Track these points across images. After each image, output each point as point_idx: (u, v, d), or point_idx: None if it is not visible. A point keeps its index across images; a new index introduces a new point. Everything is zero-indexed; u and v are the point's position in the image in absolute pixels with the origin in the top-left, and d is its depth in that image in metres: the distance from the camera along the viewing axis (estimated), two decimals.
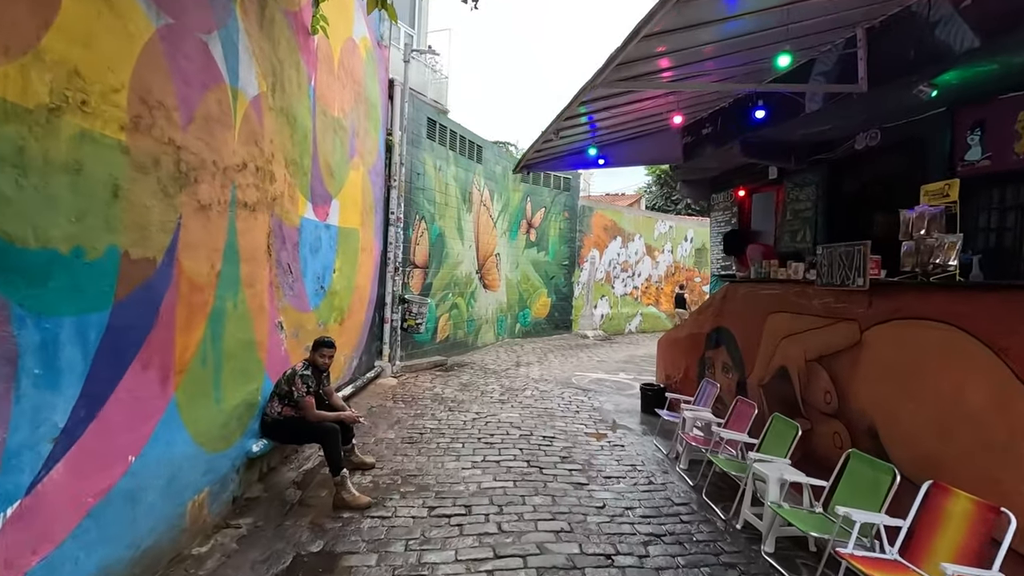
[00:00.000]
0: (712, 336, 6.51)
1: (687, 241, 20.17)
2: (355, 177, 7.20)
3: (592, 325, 16.71)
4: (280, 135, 4.77)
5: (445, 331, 11.30)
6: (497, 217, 13.50)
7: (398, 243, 9.20)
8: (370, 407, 7.22)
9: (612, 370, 10.94)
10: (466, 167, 11.85)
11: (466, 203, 11.92)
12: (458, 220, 11.60)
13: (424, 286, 10.43)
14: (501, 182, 13.62)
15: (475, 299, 12.53)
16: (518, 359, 11.79)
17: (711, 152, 7.38)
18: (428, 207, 10.45)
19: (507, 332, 14.36)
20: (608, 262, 17.27)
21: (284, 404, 4.56)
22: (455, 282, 11.59)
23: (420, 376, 9.43)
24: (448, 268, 11.27)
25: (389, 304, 9.12)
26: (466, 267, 12.04)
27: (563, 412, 7.48)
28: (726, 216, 8.56)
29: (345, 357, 7.19)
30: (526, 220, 14.74)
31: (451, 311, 11.47)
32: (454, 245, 11.46)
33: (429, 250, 10.55)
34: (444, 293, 11.16)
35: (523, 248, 14.73)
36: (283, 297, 4.99)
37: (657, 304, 19.16)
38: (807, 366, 4.75)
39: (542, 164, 7.74)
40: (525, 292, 14.84)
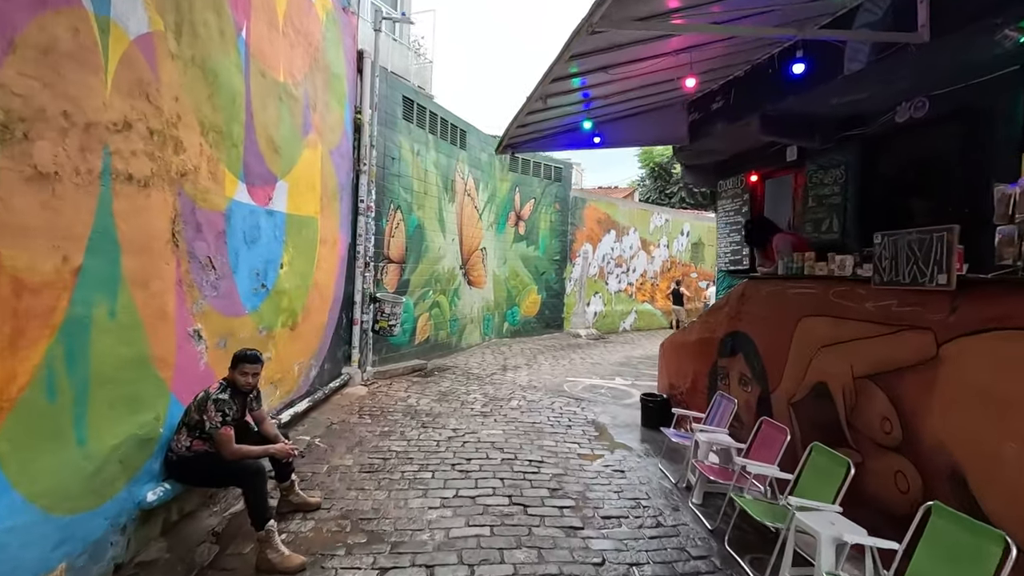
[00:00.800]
0: (727, 342, 5.54)
1: (683, 235, 19.24)
2: (311, 157, 6.16)
3: (585, 324, 15.74)
4: (192, 93, 3.73)
5: (425, 332, 10.28)
6: (483, 208, 12.47)
7: (369, 235, 8.17)
8: (329, 424, 6.20)
9: (607, 374, 9.97)
10: (448, 153, 10.81)
11: (448, 192, 10.89)
12: (439, 211, 10.57)
13: (400, 283, 9.40)
14: (487, 170, 12.59)
15: (459, 297, 11.51)
16: (505, 362, 10.80)
17: (722, 130, 6.40)
18: (404, 195, 9.41)
19: (494, 332, 13.37)
20: (602, 257, 16.29)
21: (194, 436, 3.54)
22: (436, 278, 10.57)
23: (395, 383, 8.42)
24: (428, 263, 10.24)
25: (359, 303, 8.09)
26: (449, 262, 11.02)
27: (553, 427, 6.50)
28: (735, 205, 7.59)
29: (300, 367, 6.17)
30: (514, 212, 13.72)
31: (432, 310, 10.45)
32: (435, 238, 10.43)
33: (406, 243, 9.52)
34: (424, 290, 10.14)
35: (511, 242, 13.72)
36: (201, 299, 3.96)
37: (652, 301, 18.23)
38: (856, 384, 3.79)
39: (528, 143, 6.72)
40: (514, 289, 13.85)
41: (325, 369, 7.08)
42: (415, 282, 9.84)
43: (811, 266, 4.11)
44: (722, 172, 7.84)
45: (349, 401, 7.22)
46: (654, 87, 5.77)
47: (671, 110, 6.89)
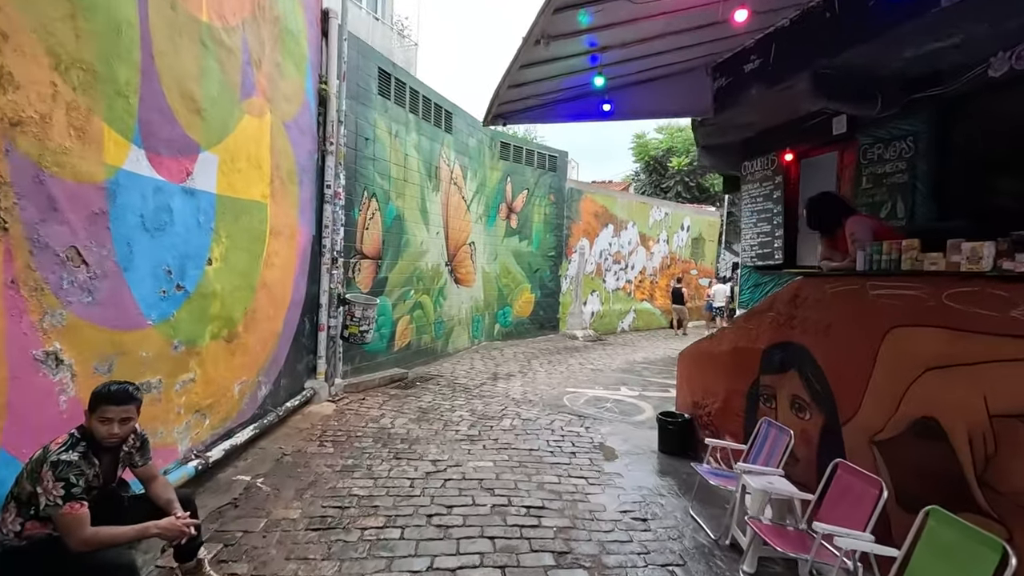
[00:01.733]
0: (773, 354, 4.41)
1: (683, 230, 18.15)
2: (255, 127, 4.94)
3: (582, 324, 14.59)
4: (30, 4, 2.51)
5: (406, 336, 9.08)
6: (471, 199, 11.28)
7: (337, 226, 6.96)
8: (280, 456, 5.00)
9: (611, 383, 8.83)
10: (432, 136, 9.60)
11: (432, 180, 9.68)
12: (422, 200, 9.36)
13: (376, 282, 8.20)
14: (476, 157, 11.40)
15: (445, 296, 10.32)
16: (496, 369, 9.63)
17: (756, 97, 5.25)
18: (381, 182, 8.20)
19: (484, 334, 12.19)
20: (599, 253, 15.15)
21: (27, 517, 2.34)
22: (419, 276, 9.36)
23: (369, 398, 7.22)
24: (409, 259, 9.04)
25: (325, 306, 6.88)
26: (433, 258, 9.82)
27: (554, 455, 5.34)
28: (764, 189, 6.45)
29: (244, 387, 4.96)
30: (506, 204, 12.54)
31: (413, 312, 9.25)
32: (416, 231, 9.22)
33: (383, 236, 8.31)
34: (404, 290, 8.94)
35: (503, 236, 12.54)
36: (61, 307, 2.75)
37: (651, 299, 17.13)
38: (994, 425, 2.66)
39: (524, 112, 5.52)
40: (505, 287, 12.68)
41: (281, 386, 5.87)
42: (394, 280, 8.64)
43: (915, 258, 2.98)
44: (748, 152, 6.70)
45: (311, 423, 6.02)
46: (678, 38, 4.61)
47: (693, 76, 5.74)
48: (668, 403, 7.31)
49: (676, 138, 28.36)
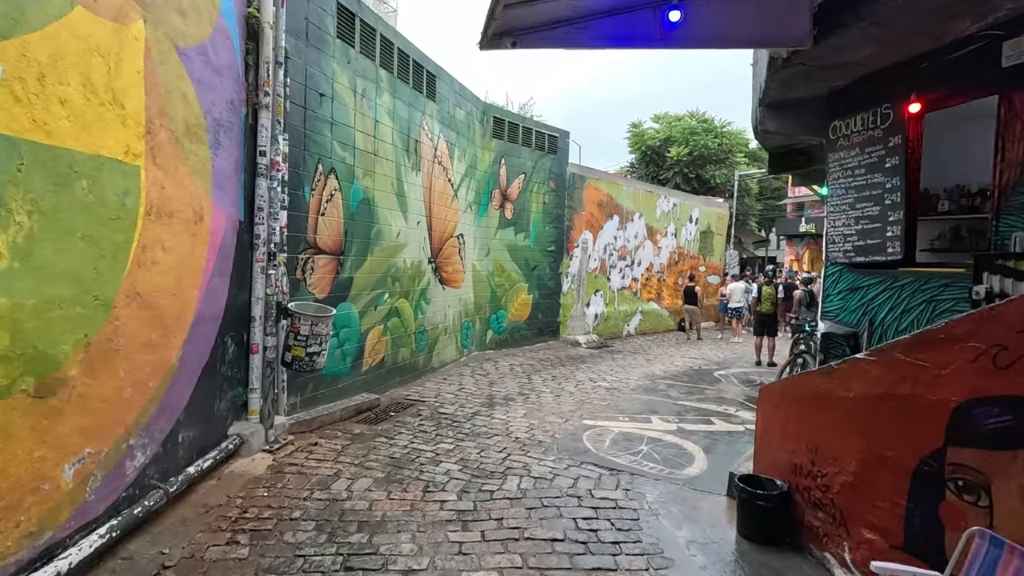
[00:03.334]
0: (982, 416, 2.57)
1: (692, 223, 16.37)
2: (102, 35, 2.96)
3: (584, 328, 12.74)
4: None
5: (378, 352, 7.13)
6: (459, 183, 9.34)
7: (275, 209, 4.99)
8: (156, 571, 3.06)
9: (636, 410, 6.97)
10: (410, 101, 7.63)
11: (411, 156, 7.73)
12: (397, 181, 7.40)
13: (337, 284, 6.24)
14: (465, 133, 9.45)
15: (427, 300, 8.39)
16: (491, 390, 7.72)
17: (888, 13, 3.42)
18: (342, 154, 6.23)
19: (475, 343, 10.27)
20: (603, 248, 13.30)
21: None
22: (395, 276, 7.42)
23: (323, 441, 5.28)
24: (381, 254, 7.09)
25: (259, 320, 4.92)
26: (412, 253, 7.87)
27: (592, 555, 3.45)
28: (869, 156, 4.60)
29: (85, 466, 2.99)
30: (499, 190, 10.61)
31: (388, 321, 7.31)
32: (391, 219, 7.27)
33: (346, 225, 6.35)
34: (376, 294, 6.99)
35: (496, 228, 10.62)
36: None
37: (658, 299, 15.33)
38: None
39: (544, 29, 3.51)
40: (499, 288, 10.76)
41: (180, 443, 3.91)
42: (361, 282, 6.68)
43: None
44: (841, 106, 4.85)
45: (228, 494, 4.06)
46: None
47: None
48: (719, 443, 5.48)
49: (674, 128, 26.64)
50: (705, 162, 25.69)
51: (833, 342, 4.71)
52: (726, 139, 26.16)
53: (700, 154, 25.41)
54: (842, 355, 4.69)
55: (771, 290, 10.50)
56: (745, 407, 7.26)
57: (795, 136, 5.69)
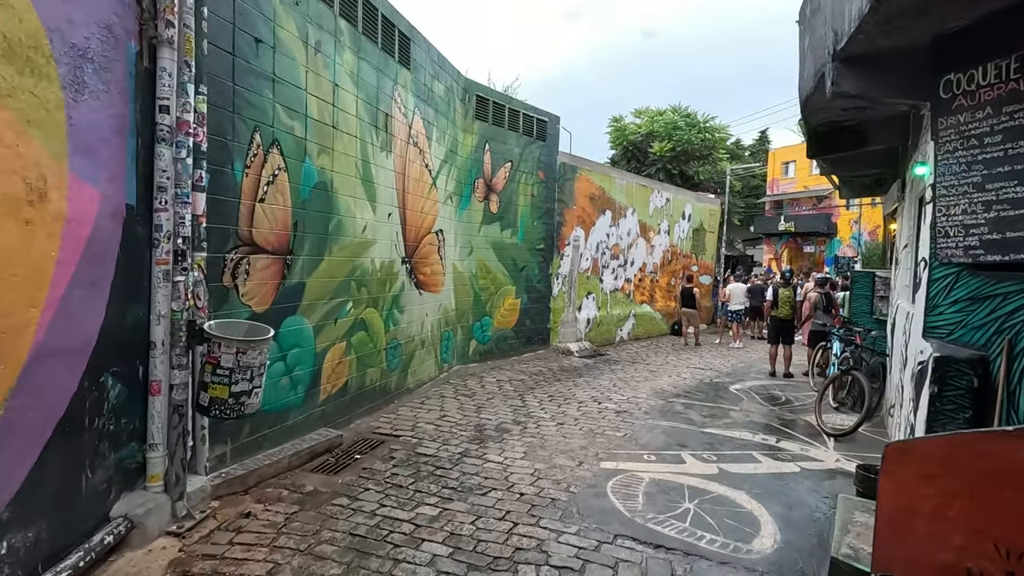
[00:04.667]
0: None
1: (684, 219, 15.24)
2: None
3: (576, 335, 11.44)
4: None
5: (339, 376, 5.66)
6: (438, 170, 7.91)
7: (185, 190, 3.50)
8: None
9: (659, 443, 5.66)
10: (380, 66, 6.18)
11: (380, 133, 6.27)
12: (364, 163, 5.94)
13: (284, 292, 4.75)
14: (444, 112, 8.01)
15: (401, 308, 6.94)
16: (480, 418, 6.33)
17: None
18: (290, 123, 4.75)
19: (456, 356, 8.86)
20: (595, 246, 12.02)
21: None
22: (360, 280, 5.96)
23: (262, 509, 3.82)
24: (344, 253, 5.62)
25: (162, 346, 3.43)
26: (382, 252, 6.42)
27: None
28: (1008, 121, 3.37)
29: None
30: (483, 180, 9.22)
31: (352, 336, 5.84)
32: (356, 209, 5.81)
33: (296, 216, 4.87)
34: (336, 303, 5.52)
35: (480, 223, 9.22)
36: None
37: (651, 302, 14.14)
38: None
39: None
40: (484, 291, 9.37)
41: (11, 552, 2.42)
42: (317, 289, 5.21)
43: None
44: (962, 53, 3.60)
45: None
46: None
47: None
48: (780, 494, 4.16)
49: (656, 122, 25.63)
50: (688, 158, 24.75)
51: (951, 370, 3.48)
52: (709, 134, 25.28)
53: (683, 150, 24.45)
54: (967, 387, 3.46)
55: (789, 292, 9.36)
56: (783, 434, 6.04)
57: (879, 100, 4.44)
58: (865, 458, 5.29)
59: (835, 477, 4.84)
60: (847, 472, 4.93)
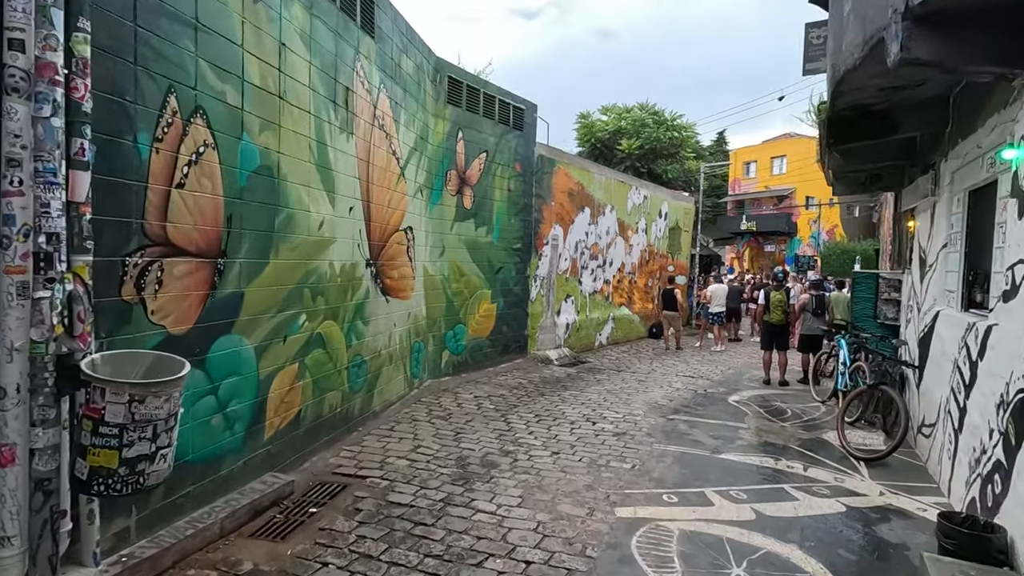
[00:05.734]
0: None
1: (661, 218, 14.61)
2: None
3: (555, 341, 10.58)
4: None
5: (291, 405, 4.57)
6: (407, 159, 6.86)
7: (51, 165, 2.38)
8: None
9: (677, 477, 4.81)
10: (339, 29, 5.10)
11: (340, 111, 5.19)
12: (320, 145, 4.85)
13: (213, 307, 3.64)
14: (414, 92, 6.97)
15: (365, 319, 5.88)
16: (460, 447, 5.33)
17: None
18: (220, 87, 3.64)
19: (428, 370, 7.83)
20: (574, 245, 11.18)
21: None
22: (316, 287, 4.88)
23: None
24: (295, 255, 4.53)
25: (16, 396, 2.31)
26: (343, 252, 5.35)
27: None
28: None
29: None
30: (457, 171, 8.21)
31: (306, 356, 4.75)
32: (311, 201, 4.72)
33: (229, 208, 3.77)
34: (285, 317, 4.43)
35: (453, 220, 8.21)
36: None
37: (630, 304, 13.42)
38: None
39: None
40: (457, 296, 8.37)
41: None
42: (260, 301, 4.11)
43: None
44: None
45: None
46: None
47: None
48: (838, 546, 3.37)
49: (624, 119, 25.11)
50: (656, 156, 24.31)
51: None
52: (677, 132, 24.93)
53: (652, 147, 23.99)
54: None
55: (781, 296, 8.73)
56: (807, 458, 5.30)
57: (959, 68, 3.69)
58: (910, 489, 4.59)
59: (889, 519, 4.09)
60: (901, 511, 4.20)
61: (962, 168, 4.65)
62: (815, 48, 8.21)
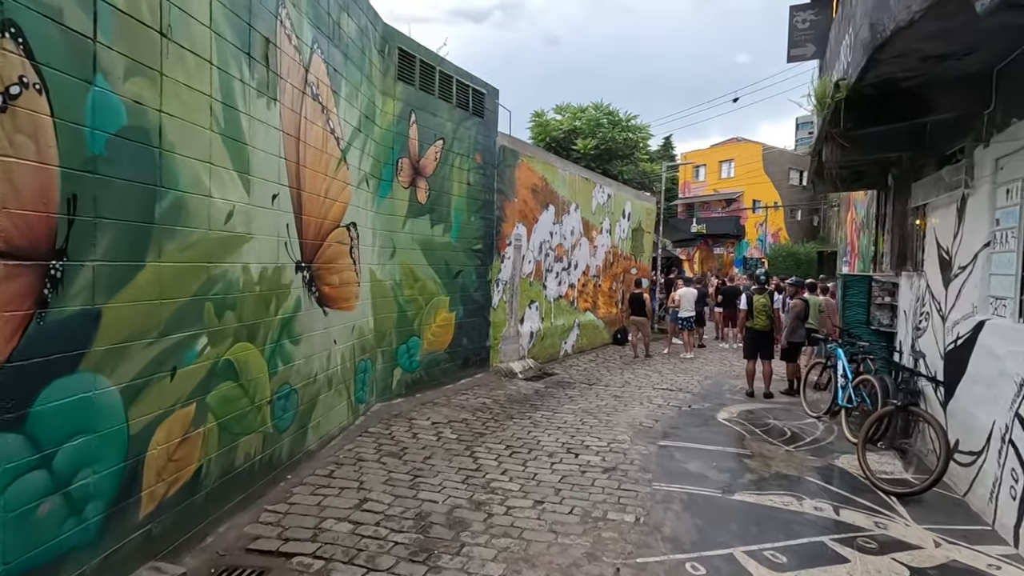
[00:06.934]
0: None
1: (625, 218, 13.86)
2: None
3: (519, 352, 9.54)
4: None
5: (185, 464, 3.30)
6: (350, 141, 5.64)
7: None
8: None
9: (695, 535, 3.84)
10: None
11: (258, 67, 3.94)
12: (226, 108, 3.60)
13: (44, 333, 2.36)
14: (357, 60, 5.77)
15: (296, 337, 4.62)
16: (418, 501, 4.17)
17: None
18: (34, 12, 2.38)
19: (377, 391, 6.61)
20: (539, 246, 10.18)
21: None
22: (224, 300, 3.62)
23: None
24: (188, 256, 3.26)
25: None
26: (262, 252, 4.09)
27: None
28: None
29: None
30: (409, 160, 7.04)
31: (207, 393, 3.49)
32: (213, 183, 3.46)
33: (69, 184, 2.50)
34: (173, 342, 3.16)
35: (405, 216, 7.02)
36: None
37: (594, 308, 12.56)
38: None
39: None
40: (410, 304, 7.17)
41: None
42: (127, 321, 2.84)
43: None
44: None
45: None
46: None
47: None
48: None
49: (579, 119, 24.44)
50: (612, 156, 23.77)
51: None
52: (632, 133, 24.49)
53: (607, 147, 23.43)
54: None
55: (765, 300, 8.03)
56: (834, 496, 4.47)
57: None
58: (965, 535, 3.81)
59: None
60: (971, 572, 3.38)
61: (1016, 154, 3.92)
62: (800, 33, 7.56)
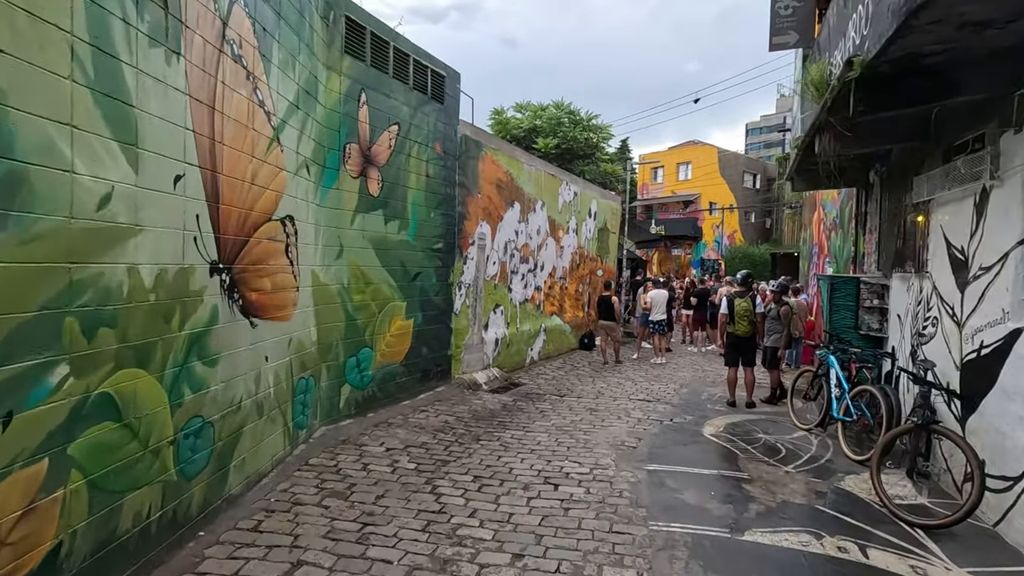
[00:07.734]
0: None
1: (591, 217, 13.25)
2: None
3: (483, 361, 8.72)
4: None
5: (30, 545, 2.33)
6: (284, 118, 4.70)
7: None
8: None
9: None
10: None
11: (150, 6, 2.99)
12: (95, 53, 2.65)
13: None
14: (294, 24, 4.83)
15: (211, 358, 3.66)
16: (368, 562, 3.31)
17: None
18: None
19: (321, 413, 5.66)
20: (504, 246, 9.39)
21: None
22: (100, 314, 2.66)
23: None
24: (28, 252, 2.31)
25: None
26: (158, 250, 3.13)
27: None
28: None
29: None
30: (359, 146, 6.12)
31: (68, 442, 2.53)
32: (79, 152, 2.51)
33: None
34: (7, 375, 2.19)
35: (354, 211, 6.10)
36: None
37: (561, 312, 11.87)
38: None
39: None
40: (361, 312, 6.25)
41: None
42: None
43: None
44: None
45: None
46: None
47: None
48: None
49: (540, 117, 23.89)
50: (573, 156, 23.31)
51: None
52: (593, 133, 24.11)
53: (568, 147, 22.94)
54: None
55: (747, 304, 7.50)
56: (854, 531, 3.86)
57: None
58: None
59: None
60: None
61: None
62: (782, 20, 7.07)
